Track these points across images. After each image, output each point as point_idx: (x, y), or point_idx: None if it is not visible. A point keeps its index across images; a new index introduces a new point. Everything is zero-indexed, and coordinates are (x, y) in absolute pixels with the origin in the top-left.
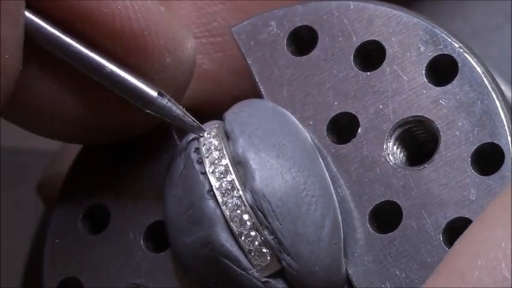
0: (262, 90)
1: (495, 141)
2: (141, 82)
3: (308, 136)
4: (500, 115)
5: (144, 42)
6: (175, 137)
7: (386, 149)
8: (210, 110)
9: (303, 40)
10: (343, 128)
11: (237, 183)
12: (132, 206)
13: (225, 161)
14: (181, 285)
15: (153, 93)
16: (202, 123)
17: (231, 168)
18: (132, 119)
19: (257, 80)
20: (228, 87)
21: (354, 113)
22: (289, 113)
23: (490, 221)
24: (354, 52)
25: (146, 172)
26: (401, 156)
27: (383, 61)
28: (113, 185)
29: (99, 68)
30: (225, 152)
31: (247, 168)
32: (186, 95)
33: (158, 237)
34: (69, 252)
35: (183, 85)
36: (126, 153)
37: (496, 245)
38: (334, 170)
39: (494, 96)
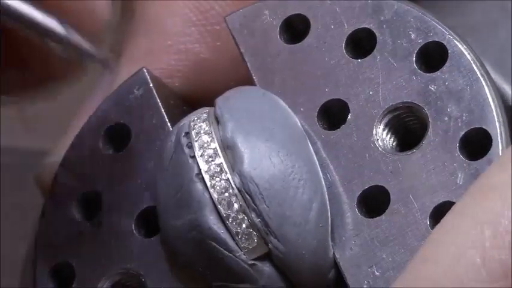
0: (254, 77)
1: (483, 126)
2: (51, 17)
3: (298, 121)
4: (488, 100)
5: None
6: (168, 124)
7: (376, 134)
8: (208, 98)
9: (296, 28)
10: (334, 114)
11: (225, 166)
12: (125, 192)
13: (214, 145)
14: (171, 269)
15: (61, 28)
16: None
17: (219, 151)
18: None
19: (249, 68)
20: (226, 76)
21: (344, 99)
22: (280, 99)
23: (461, 210)
24: (345, 40)
25: (139, 158)
26: (391, 142)
27: (374, 48)
28: (106, 171)
29: None
30: (214, 136)
31: (235, 151)
32: (183, 84)
33: (150, 222)
34: (61, 238)
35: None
36: (119, 140)
37: (465, 233)
38: (324, 155)
39: (483, 82)
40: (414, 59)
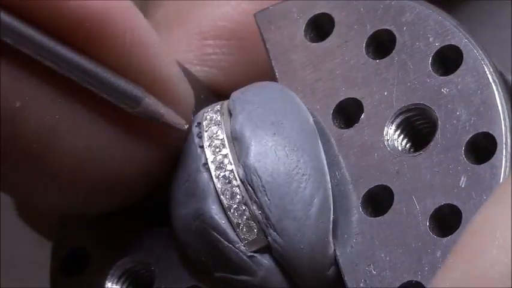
0: (276, 73)
1: (489, 131)
2: (127, 83)
3: (310, 118)
4: (497, 106)
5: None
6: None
7: (386, 134)
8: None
9: (322, 27)
10: (349, 113)
11: (230, 157)
12: None
13: (222, 136)
14: (180, 259)
15: (140, 93)
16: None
17: (226, 142)
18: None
19: (273, 64)
20: (243, 73)
21: (359, 99)
22: (296, 96)
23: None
24: (366, 40)
25: None
26: (403, 143)
27: (393, 50)
28: None
29: (88, 70)
30: (223, 127)
31: (242, 143)
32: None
33: (162, 212)
34: (81, 224)
35: None
36: None
37: None
38: (337, 153)
39: (494, 87)
40: (430, 61)
